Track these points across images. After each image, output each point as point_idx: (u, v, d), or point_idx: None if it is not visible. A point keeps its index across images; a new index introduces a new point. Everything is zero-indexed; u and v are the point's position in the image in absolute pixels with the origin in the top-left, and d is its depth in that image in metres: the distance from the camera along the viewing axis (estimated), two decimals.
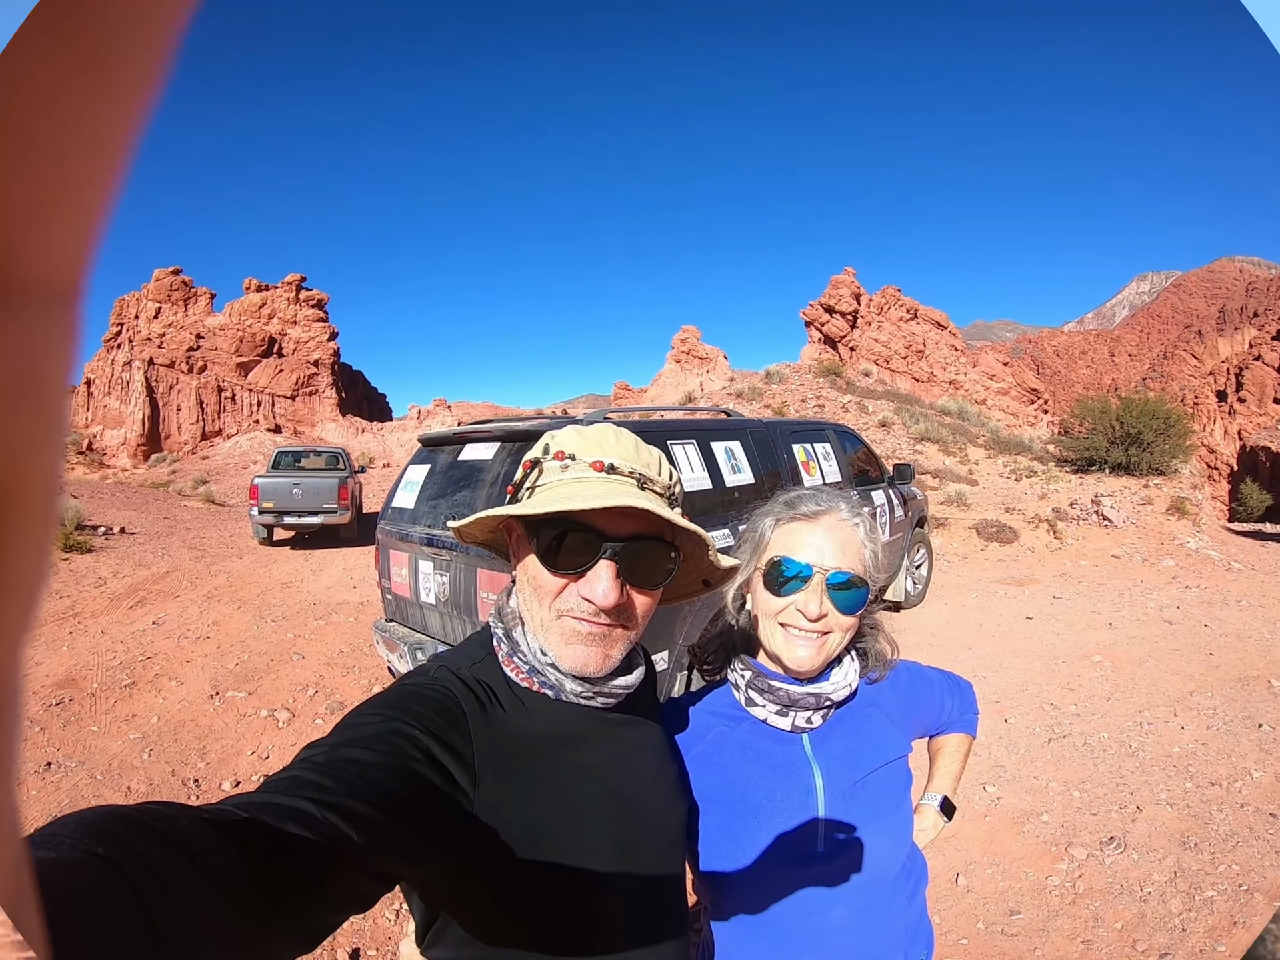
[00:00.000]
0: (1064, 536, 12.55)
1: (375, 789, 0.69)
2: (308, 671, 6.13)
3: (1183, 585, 9.91)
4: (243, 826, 0.55)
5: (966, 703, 1.55)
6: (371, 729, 0.78)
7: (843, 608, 1.17)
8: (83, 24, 0.12)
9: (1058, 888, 3.36)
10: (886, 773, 1.25)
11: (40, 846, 0.42)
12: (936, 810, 1.49)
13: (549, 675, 0.96)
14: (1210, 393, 71.20)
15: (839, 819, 1.18)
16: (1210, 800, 4.03)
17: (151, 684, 5.76)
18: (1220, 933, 3.02)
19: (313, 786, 0.65)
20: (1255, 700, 5.48)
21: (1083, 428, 19.51)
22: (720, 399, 26.25)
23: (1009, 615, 8.39)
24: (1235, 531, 16.73)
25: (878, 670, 1.32)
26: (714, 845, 1.18)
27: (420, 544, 4.56)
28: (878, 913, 1.19)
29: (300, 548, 13.09)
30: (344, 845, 0.61)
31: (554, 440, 0.99)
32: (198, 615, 7.81)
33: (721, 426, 5.31)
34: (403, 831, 0.70)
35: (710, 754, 1.24)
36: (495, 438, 4.52)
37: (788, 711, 1.22)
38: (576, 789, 0.93)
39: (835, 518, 1.23)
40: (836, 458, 6.63)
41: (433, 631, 4.64)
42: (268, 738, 4.91)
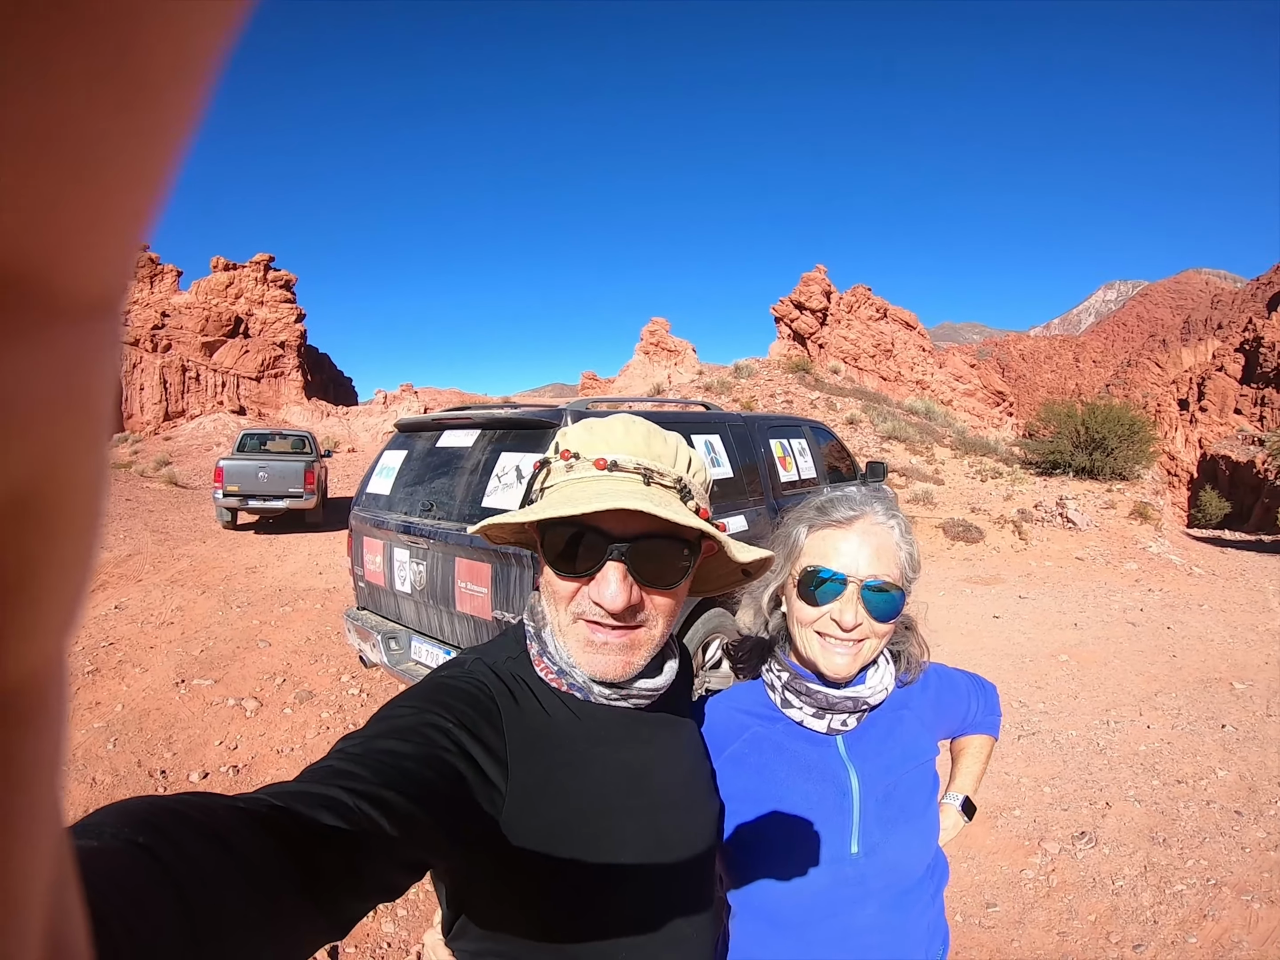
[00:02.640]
0: (1029, 537, 12.74)
1: (409, 779, 0.69)
2: (275, 659, 6.02)
3: (1145, 588, 10.10)
4: (277, 816, 0.56)
5: (990, 705, 1.54)
6: (405, 720, 0.78)
7: (878, 615, 1.15)
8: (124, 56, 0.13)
9: (1032, 881, 3.40)
10: (918, 774, 1.24)
11: (82, 835, 0.42)
12: (958, 810, 1.49)
13: (576, 677, 0.94)
14: (1173, 401, 72.79)
15: (873, 821, 1.17)
16: (1177, 797, 4.10)
17: (115, 671, 5.63)
18: (1191, 925, 3.07)
19: (347, 776, 0.66)
20: (1218, 701, 5.60)
21: (1048, 431, 19.82)
22: (689, 392, 26.29)
23: (976, 614, 8.50)
24: (1195, 537, 17.11)
25: (910, 673, 1.31)
26: (747, 845, 1.17)
27: (396, 531, 4.48)
28: (904, 912, 1.19)
29: (265, 532, 12.88)
30: (376, 835, 0.62)
31: (563, 438, 0.97)
32: (161, 600, 7.66)
33: (701, 420, 5.29)
34: (434, 821, 0.70)
35: (746, 754, 1.22)
36: (475, 425, 4.44)
37: (824, 714, 1.21)
38: (607, 787, 0.92)
39: (870, 521, 1.20)
40: (812, 453, 6.64)
41: (407, 621, 4.57)
42: (235, 727, 4.81)
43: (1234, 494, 46.09)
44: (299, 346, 44.19)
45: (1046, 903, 3.25)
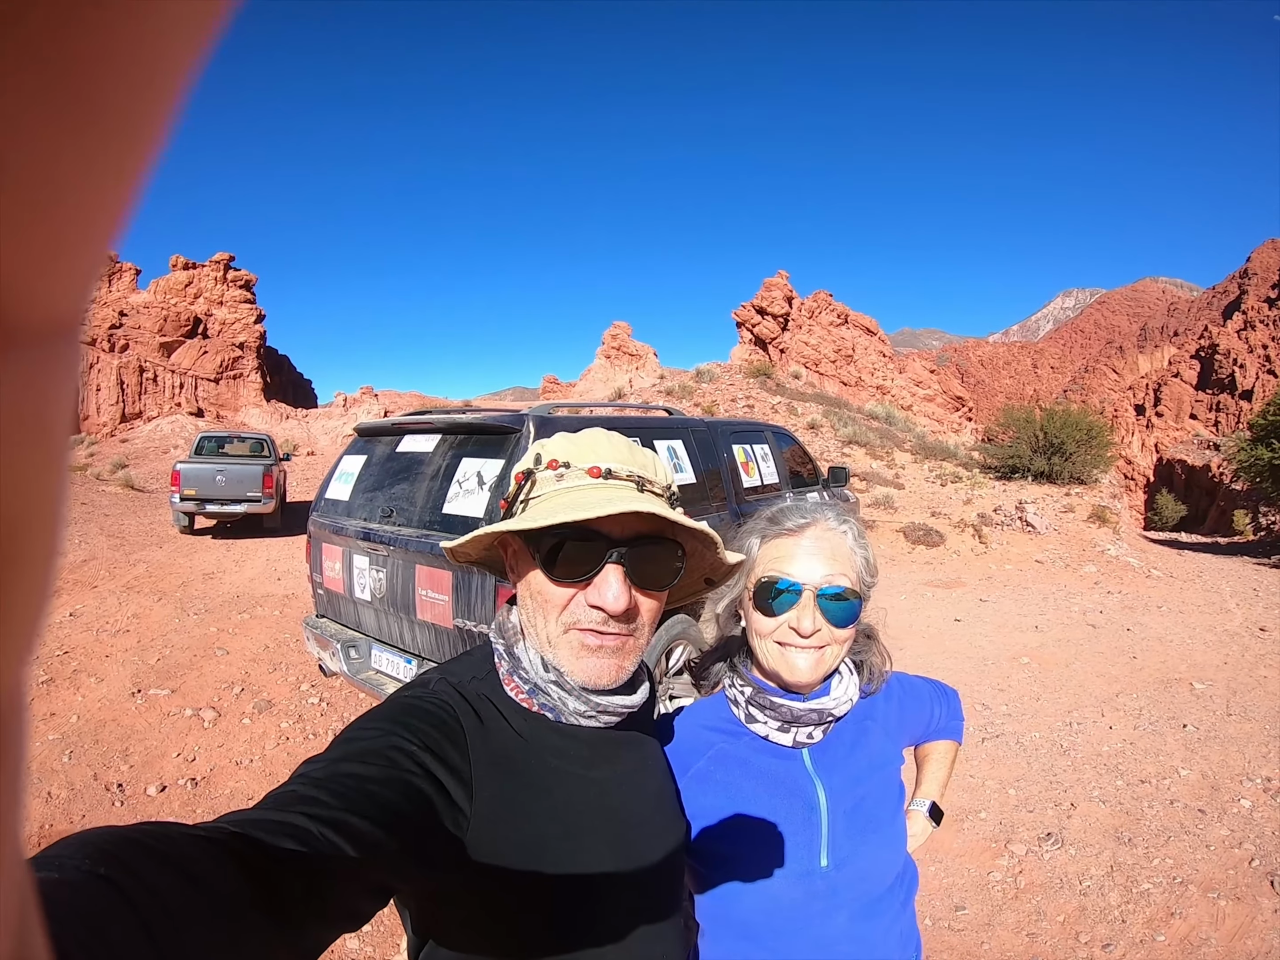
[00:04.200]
0: (989, 541, 12.89)
1: (373, 803, 0.68)
2: (233, 668, 5.87)
3: (1105, 590, 10.27)
4: (239, 844, 0.54)
5: (953, 710, 1.54)
6: (369, 743, 0.76)
7: (836, 621, 1.15)
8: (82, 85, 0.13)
9: (1000, 883, 3.41)
10: (884, 784, 1.24)
11: (43, 868, 0.41)
12: (925, 816, 1.49)
13: (551, 694, 0.93)
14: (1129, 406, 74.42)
15: (842, 833, 1.16)
16: (1141, 797, 4.15)
17: (70, 680, 5.46)
18: (1159, 923, 3.10)
19: (309, 801, 0.65)
20: (1179, 701, 5.69)
21: (1007, 436, 20.11)
22: (650, 396, 26.33)
23: (937, 617, 8.58)
24: (1152, 540, 17.45)
25: (873, 683, 1.30)
26: (716, 862, 1.16)
27: (355, 538, 4.38)
28: (874, 921, 1.17)
29: (222, 537, 12.63)
30: (339, 860, 0.61)
31: (545, 449, 0.97)
32: (117, 607, 7.45)
33: (664, 425, 5.26)
34: (399, 845, 0.69)
35: (712, 770, 1.21)
36: (436, 429, 4.37)
37: (789, 728, 1.20)
38: (575, 808, 0.90)
39: (822, 528, 1.20)
40: (774, 459, 6.64)
41: (367, 629, 4.48)
42: (193, 738, 4.68)
43: (1190, 497, 47.28)
44: (258, 348, 43.52)
45: (1015, 904, 3.26)
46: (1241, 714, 5.42)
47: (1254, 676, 6.37)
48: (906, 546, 12.90)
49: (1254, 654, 7.15)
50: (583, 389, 47.39)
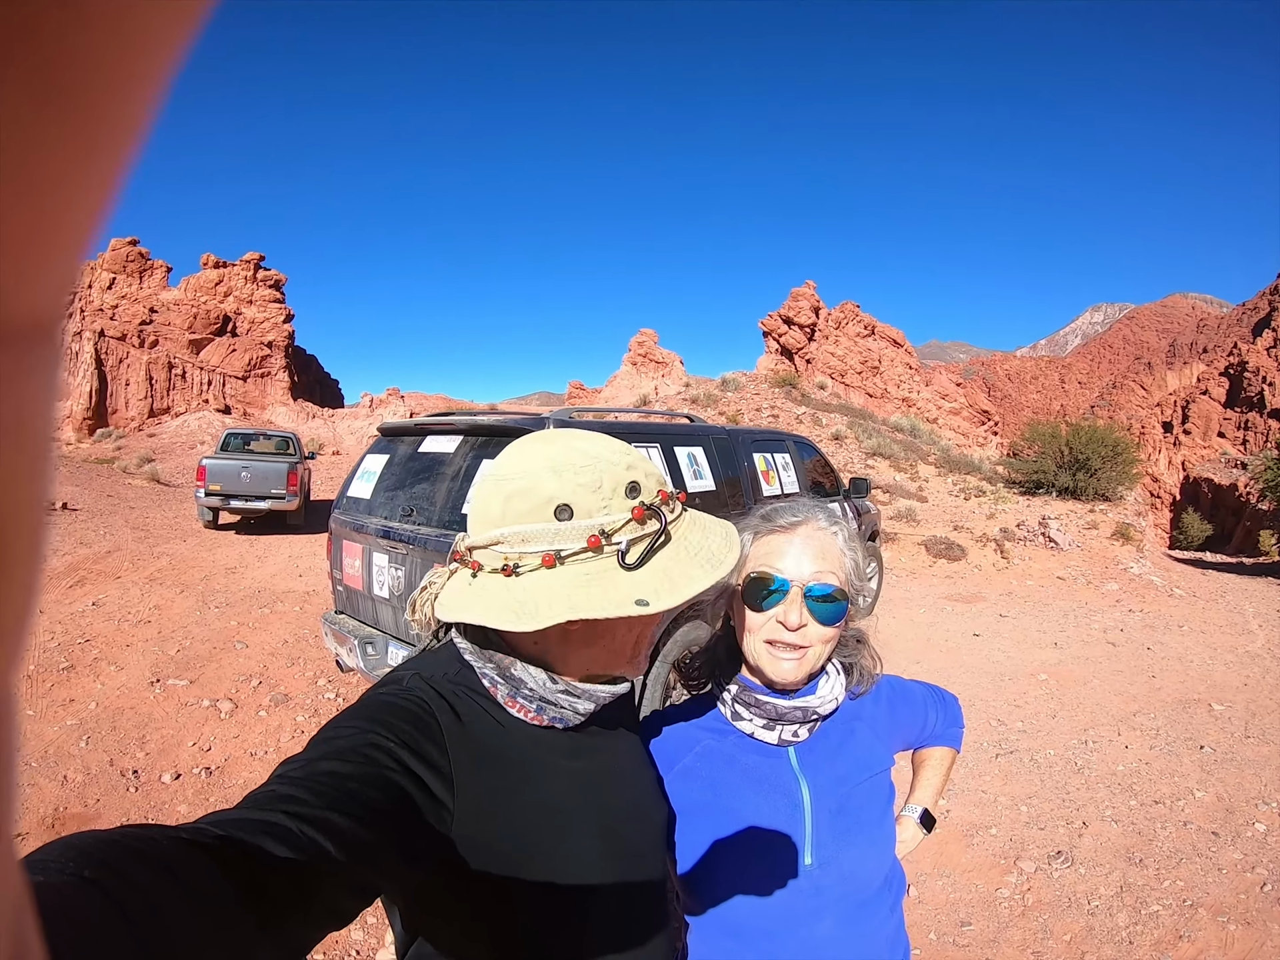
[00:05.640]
0: (1011, 556, 12.78)
1: (353, 800, 0.68)
2: (251, 661, 5.95)
3: (1126, 609, 10.15)
4: (221, 844, 0.55)
5: (951, 716, 1.54)
6: (346, 741, 0.76)
7: (822, 619, 1.16)
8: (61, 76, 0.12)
9: (1007, 900, 3.39)
10: (871, 786, 1.24)
11: (30, 872, 0.42)
12: (916, 822, 1.49)
13: (562, 704, 0.92)
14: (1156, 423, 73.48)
15: (827, 832, 1.17)
16: (1154, 818, 4.10)
17: (90, 668, 5.54)
18: (1166, 946, 3.07)
19: (289, 800, 0.65)
20: (1197, 722, 5.62)
21: (1032, 450, 19.94)
22: (675, 403, 26.33)
23: (956, 631, 8.51)
24: (1176, 559, 17.21)
25: (862, 685, 1.31)
26: (699, 859, 1.16)
27: (376, 536, 4.44)
28: (862, 924, 1.18)
29: (246, 533, 12.77)
30: (322, 859, 0.61)
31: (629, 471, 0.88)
32: (139, 598, 7.56)
33: (685, 432, 5.28)
34: (382, 843, 0.69)
35: (696, 767, 1.22)
36: (458, 431, 4.41)
37: (774, 725, 1.21)
38: (558, 800, 0.91)
39: (813, 527, 1.21)
40: (795, 468, 6.65)
41: (384, 626, 4.52)
42: (209, 729, 4.74)
43: (1216, 516, 46.56)
44: (287, 347, 43.94)
45: (1021, 922, 3.24)
46: (1260, 736, 5.35)
47: (1274, 699, 6.28)
48: (928, 560, 12.82)
49: (1275, 676, 7.04)
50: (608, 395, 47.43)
